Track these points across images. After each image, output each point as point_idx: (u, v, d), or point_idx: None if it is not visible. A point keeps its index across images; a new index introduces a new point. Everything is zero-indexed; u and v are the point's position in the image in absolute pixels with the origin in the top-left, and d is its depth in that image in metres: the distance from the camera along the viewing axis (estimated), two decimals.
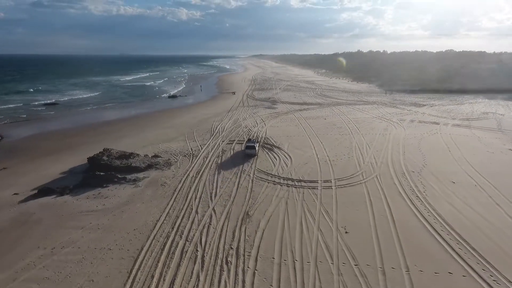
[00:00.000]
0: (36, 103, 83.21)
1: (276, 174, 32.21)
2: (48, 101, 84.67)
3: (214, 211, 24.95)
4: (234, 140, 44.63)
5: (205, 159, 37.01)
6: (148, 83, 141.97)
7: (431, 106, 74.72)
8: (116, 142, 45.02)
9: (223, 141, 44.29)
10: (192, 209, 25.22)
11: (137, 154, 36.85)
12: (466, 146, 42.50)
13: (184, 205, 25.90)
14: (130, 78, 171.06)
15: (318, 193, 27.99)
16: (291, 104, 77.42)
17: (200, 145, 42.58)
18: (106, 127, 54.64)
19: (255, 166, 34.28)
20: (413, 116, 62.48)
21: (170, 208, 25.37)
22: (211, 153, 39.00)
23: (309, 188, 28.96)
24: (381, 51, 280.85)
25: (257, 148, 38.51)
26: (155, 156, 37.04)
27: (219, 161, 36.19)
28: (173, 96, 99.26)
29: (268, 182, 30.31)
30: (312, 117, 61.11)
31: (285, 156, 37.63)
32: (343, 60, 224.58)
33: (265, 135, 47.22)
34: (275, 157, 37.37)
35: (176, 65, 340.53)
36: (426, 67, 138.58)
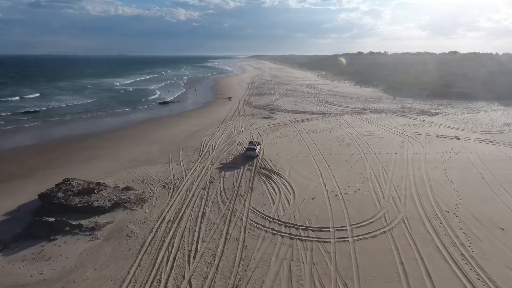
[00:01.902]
0: (19, 111, 76.13)
1: (275, 217, 25.37)
2: (27, 110, 77.45)
3: (191, 285, 18.12)
4: (226, 163, 37.79)
5: (188, 192, 30.14)
6: (142, 87, 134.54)
7: (444, 115, 68.16)
8: (86, 164, 38.16)
9: (213, 164, 37.44)
10: (160, 282, 18.36)
11: (105, 186, 29.98)
12: (500, 170, 35.78)
13: (150, 273, 19.04)
14: (123, 81, 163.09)
15: (331, 250, 21.21)
16: (291, 112, 70.64)
17: (185, 170, 35.71)
18: (80, 143, 47.62)
19: (249, 205, 27.45)
20: (428, 128, 55.81)
21: (130, 280, 18.52)
22: (197, 183, 32.13)
23: (319, 242, 22.16)
24: (382, 52, 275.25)
25: (257, 150, 39.75)
26: (127, 188, 30.14)
27: (205, 195, 29.32)
28: (165, 102, 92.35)
29: (266, 231, 23.49)
30: (316, 130, 54.33)
31: (287, 188, 30.82)
32: (343, 60, 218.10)
33: (262, 155, 40.39)
34: (274, 189, 30.54)
35: (175, 66, 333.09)
36: (432, 70, 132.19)
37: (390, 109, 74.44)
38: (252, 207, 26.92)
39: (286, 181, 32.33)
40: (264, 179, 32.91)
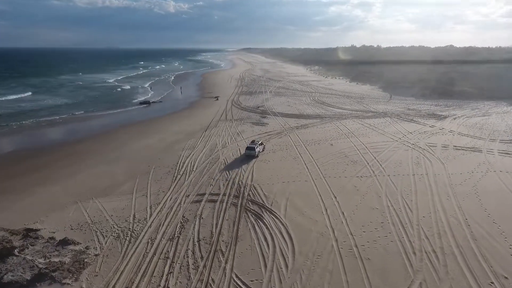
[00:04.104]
0: None
1: None
2: None
3: None
4: (205, 194, 29.84)
5: (149, 245, 22.19)
6: (133, 85, 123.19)
7: (454, 119, 61.22)
8: (24, 196, 29.82)
9: (188, 196, 29.45)
10: None
11: (35, 238, 21.92)
12: None
13: None
14: (114, 77, 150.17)
15: None
16: (285, 116, 62.85)
17: (151, 206, 27.69)
18: (30, 160, 39.12)
19: (232, 270, 19.66)
20: (442, 137, 48.62)
21: None
22: (163, 229, 24.16)
23: None
24: (375, 45, 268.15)
25: (257, 150, 39.22)
26: (65, 242, 21.99)
27: (171, 253, 21.38)
28: (146, 103, 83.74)
29: None
30: (314, 140, 46.66)
31: (283, 236, 23.09)
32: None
33: (251, 180, 32.55)
34: (266, 239, 22.79)
35: (167, 60, 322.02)
36: (431, 66, 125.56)
37: (394, 112, 67.15)
38: (236, 276, 19.12)
39: (282, 224, 24.60)
40: (253, 220, 25.11)
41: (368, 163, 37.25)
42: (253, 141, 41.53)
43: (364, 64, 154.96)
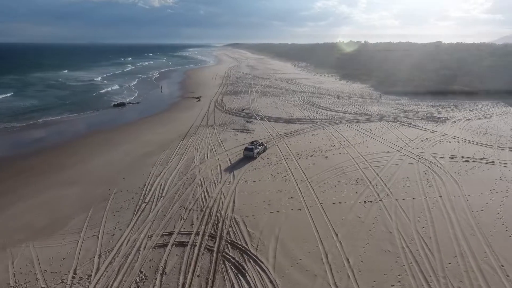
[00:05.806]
0: None
1: None
2: None
3: None
4: (174, 233, 23.64)
5: None
6: (117, 83, 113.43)
7: (454, 122, 56.55)
8: None
9: (151, 236, 23.19)
10: None
11: None
12: None
13: None
14: (97, 76, 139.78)
15: None
16: (272, 121, 56.93)
17: (101, 253, 21.37)
18: None
19: None
20: (447, 145, 43.59)
21: None
22: None
23: None
24: (362, 41, 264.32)
25: (255, 152, 37.98)
26: None
27: None
28: (121, 104, 76.50)
29: None
30: (306, 151, 40.90)
31: None
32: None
33: (232, 211, 26.48)
34: None
35: (153, 56, 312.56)
36: (422, 63, 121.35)
37: (390, 114, 62.06)
38: None
39: (270, 281, 18.68)
40: (233, 277, 19.10)
41: (370, 183, 31.68)
42: (252, 142, 40.76)
43: (353, 61, 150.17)
